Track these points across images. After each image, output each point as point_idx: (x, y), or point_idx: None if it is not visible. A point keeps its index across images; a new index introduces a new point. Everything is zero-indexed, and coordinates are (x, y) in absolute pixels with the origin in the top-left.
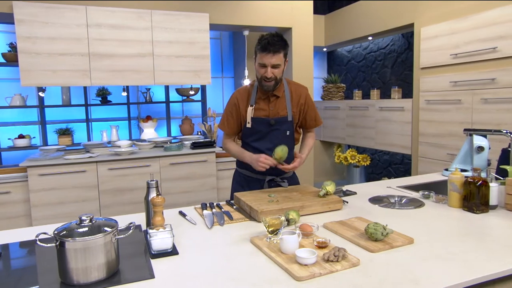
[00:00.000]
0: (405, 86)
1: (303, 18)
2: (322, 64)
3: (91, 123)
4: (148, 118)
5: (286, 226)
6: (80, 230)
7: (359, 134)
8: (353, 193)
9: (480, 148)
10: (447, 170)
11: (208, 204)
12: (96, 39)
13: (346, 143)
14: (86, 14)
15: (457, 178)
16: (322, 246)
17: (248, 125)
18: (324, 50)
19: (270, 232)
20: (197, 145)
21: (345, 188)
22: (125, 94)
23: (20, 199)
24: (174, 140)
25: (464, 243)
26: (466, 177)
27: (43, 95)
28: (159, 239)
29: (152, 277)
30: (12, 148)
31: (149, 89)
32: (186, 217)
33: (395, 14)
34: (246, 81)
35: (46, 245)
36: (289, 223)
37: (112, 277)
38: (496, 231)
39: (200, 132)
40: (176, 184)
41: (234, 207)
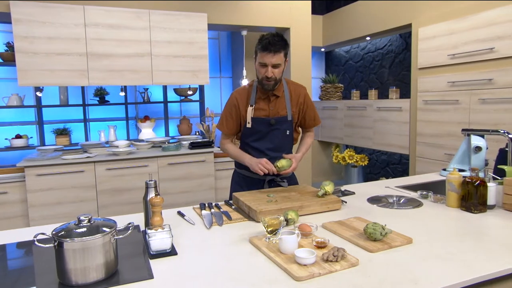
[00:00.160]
0: (403, 86)
1: (301, 18)
2: (320, 64)
3: (88, 123)
4: (146, 118)
5: (285, 226)
6: (79, 230)
7: (357, 134)
8: (351, 193)
9: (478, 148)
10: (445, 170)
11: (206, 204)
12: (94, 38)
13: (344, 143)
14: (84, 13)
15: (455, 178)
16: (321, 246)
17: (248, 125)
18: (322, 50)
19: (269, 232)
20: (195, 145)
21: (343, 188)
22: (123, 94)
23: (17, 200)
24: (172, 140)
25: (463, 243)
26: (464, 177)
27: (40, 95)
28: (158, 240)
29: (151, 277)
30: (9, 148)
31: (147, 89)
32: (185, 217)
33: (393, 15)
34: (244, 81)
35: (44, 245)
36: (288, 223)
37: (111, 277)
38: (494, 231)
39: (198, 132)
40: (174, 184)
41: (233, 207)
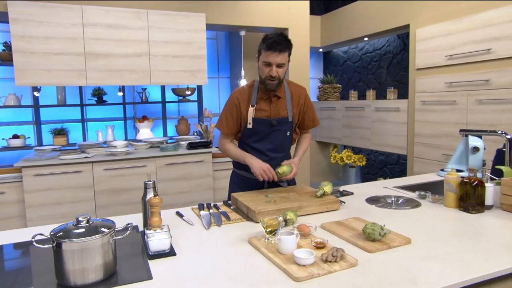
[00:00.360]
0: (400, 86)
1: (299, 18)
2: (318, 64)
3: (86, 123)
4: (144, 118)
5: (284, 226)
6: (77, 231)
7: (355, 134)
8: (350, 193)
9: (475, 149)
10: (442, 171)
11: (205, 205)
12: (92, 38)
13: (342, 143)
14: (82, 13)
15: (453, 179)
16: (320, 246)
17: (249, 125)
18: (320, 50)
19: (268, 233)
20: (193, 145)
21: (342, 188)
22: (121, 94)
23: (14, 200)
24: (170, 141)
25: (461, 243)
26: (462, 177)
27: (38, 94)
28: (157, 240)
29: (150, 278)
30: (7, 148)
31: (145, 89)
32: (183, 217)
33: (390, 15)
34: (242, 81)
35: (43, 246)
36: (286, 224)
37: (110, 278)
38: (492, 231)
39: (196, 133)
40: (173, 185)
41: (231, 207)
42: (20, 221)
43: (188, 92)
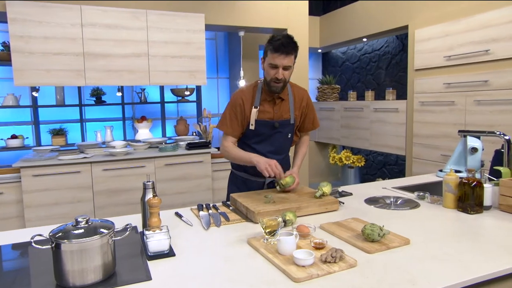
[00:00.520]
0: (399, 87)
1: (298, 19)
2: (317, 65)
3: (85, 123)
4: (142, 119)
5: (283, 227)
6: (76, 231)
7: (354, 135)
8: (349, 194)
9: (474, 149)
10: (441, 171)
11: (204, 205)
12: (91, 39)
13: (341, 144)
14: (81, 13)
15: (451, 179)
16: (319, 247)
17: (252, 127)
18: (319, 51)
19: (267, 233)
20: (192, 145)
21: (341, 189)
22: (119, 94)
23: (13, 200)
24: (169, 141)
25: (459, 244)
26: (461, 178)
27: (36, 95)
28: (156, 241)
29: (149, 279)
30: (5, 149)
31: (144, 89)
32: (183, 218)
33: (389, 16)
34: (241, 82)
35: (42, 247)
36: (285, 224)
37: (109, 279)
38: (490, 232)
39: (195, 133)
40: (171, 185)
41: (231, 208)
42: (18, 221)
43: (187, 93)
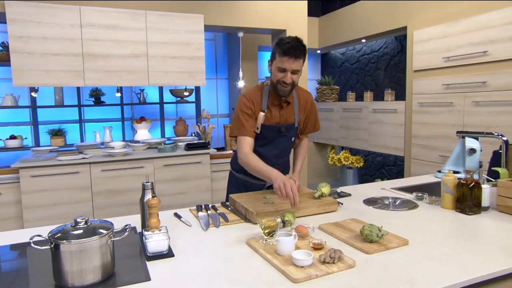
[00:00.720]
0: (398, 88)
1: (297, 20)
2: (316, 66)
3: (84, 124)
4: (141, 119)
5: (282, 228)
6: (75, 232)
7: (353, 136)
8: (347, 194)
9: (472, 150)
10: (439, 172)
11: (203, 206)
12: (90, 39)
13: (340, 144)
14: (80, 14)
15: (450, 180)
16: (318, 247)
17: (257, 130)
18: (318, 52)
19: (266, 234)
20: (191, 146)
21: (339, 189)
22: (118, 95)
23: (11, 201)
24: (168, 141)
25: (458, 244)
26: (459, 179)
27: (35, 95)
28: (155, 241)
29: (148, 279)
30: (4, 149)
31: (143, 90)
32: (182, 219)
33: (388, 17)
34: (240, 82)
35: (41, 247)
36: (284, 225)
37: (108, 279)
38: (488, 232)
39: (194, 134)
40: (170, 186)
41: (229, 208)
42: (17, 222)
43: (186, 93)
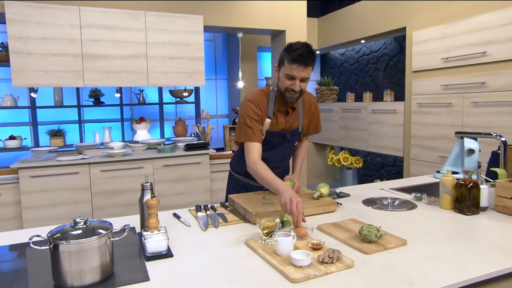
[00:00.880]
0: (397, 89)
1: (296, 20)
2: (315, 66)
3: (83, 124)
4: (141, 120)
5: (281, 228)
6: (74, 232)
7: (352, 136)
8: (346, 195)
9: (471, 151)
10: (438, 172)
11: (202, 206)
12: (90, 39)
13: (339, 145)
14: (79, 14)
15: (448, 180)
16: (317, 248)
17: (262, 136)
18: (317, 52)
19: (265, 234)
20: (190, 147)
21: (338, 190)
22: (118, 95)
23: (10, 201)
24: (167, 142)
25: (456, 245)
26: (458, 179)
27: (35, 95)
28: (154, 241)
29: (147, 279)
30: (3, 149)
31: (142, 90)
32: (181, 219)
33: (387, 18)
34: (240, 83)
35: (40, 247)
36: (283, 225)
37: (107, 280)
38: (486, 233)
39: (193, 134)
40: (170, 186)
41: (228, 209)
42: (16, 222)
43: (185, 94)
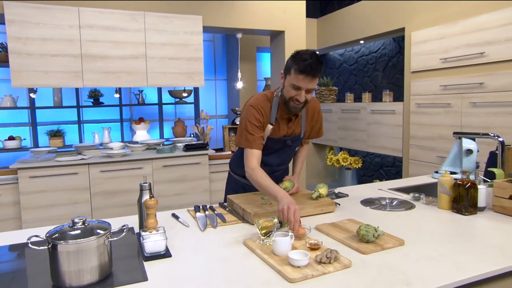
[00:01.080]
0: (396, 89)
1: (295, 21)
2: None
3: (82, 125)
4: (140, 120)
5: (279, 228)
6: (73, 232)
7: (351, 136)
8: (345, 195)
9: (469, 151)
10: (437, 173)
11: (201, 207)
12: (89, 40)
13: (338, 145)
14: (79, 15)
15: (446, 181)
16: (315, 248)
17: (263, 142)
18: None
19: (263, 234)
20: (190, 147)
21: (337, 190)
22: (117, 95)
23: (10, 202)
24: (166, 142)
25: (454, 244)
26: (456, 179)
27: (34, 96)
28: (152, 242)
29: (145, 279)
30: (2, 150)
31: (141, 90)
32: (179, 219)
33: (386, 19)
34: (239, 83)
35: (38, 248)
36: (282, 225)
37: (105, 280)
38: (484, 233)
39: (193, 135)
40: (169, 186)
41: (227, 209)
42: (15, 223)
43: (184, 94)
